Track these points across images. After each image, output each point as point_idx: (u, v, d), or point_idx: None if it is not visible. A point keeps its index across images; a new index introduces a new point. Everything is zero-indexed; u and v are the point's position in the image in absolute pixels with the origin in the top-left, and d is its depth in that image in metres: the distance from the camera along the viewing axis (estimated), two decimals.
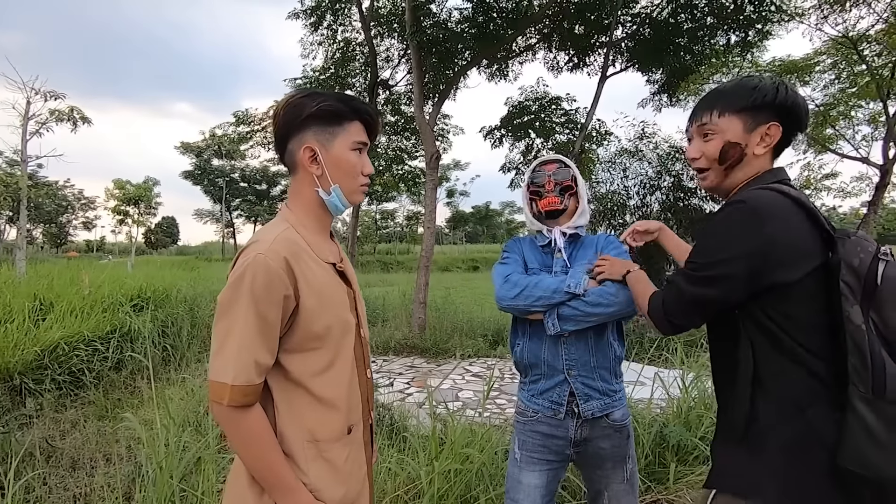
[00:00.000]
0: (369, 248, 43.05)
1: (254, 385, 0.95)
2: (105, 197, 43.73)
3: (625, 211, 8.41)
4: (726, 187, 1.18)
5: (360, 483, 1.13)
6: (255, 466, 0.99)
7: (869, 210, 7.97)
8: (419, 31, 7.07)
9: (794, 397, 1.00)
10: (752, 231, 1.00)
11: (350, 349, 1.10)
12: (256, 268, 0.96)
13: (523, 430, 1.59)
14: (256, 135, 19.16)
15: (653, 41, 7.89)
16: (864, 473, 0.91)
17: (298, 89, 1.14)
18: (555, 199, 1.59)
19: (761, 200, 1.02)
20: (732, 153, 1.13)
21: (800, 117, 1.12)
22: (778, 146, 1.14)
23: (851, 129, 9.75)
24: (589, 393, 1.51)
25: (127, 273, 8.68)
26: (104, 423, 3.66)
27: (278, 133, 1.10)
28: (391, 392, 4.88)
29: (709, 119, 1.15)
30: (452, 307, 8.67)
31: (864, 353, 0.92)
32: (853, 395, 0.93)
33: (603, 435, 1.53)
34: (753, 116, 1.11)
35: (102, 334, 4.84)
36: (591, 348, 1.52)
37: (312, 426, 1.03)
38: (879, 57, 7.85)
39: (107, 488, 2.47)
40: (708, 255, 1.06)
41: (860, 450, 0.91)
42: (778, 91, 1.10)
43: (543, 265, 1.61)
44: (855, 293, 0.95)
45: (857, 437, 0.91)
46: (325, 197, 1.10)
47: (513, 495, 1.56)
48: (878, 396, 0.91)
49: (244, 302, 0.95)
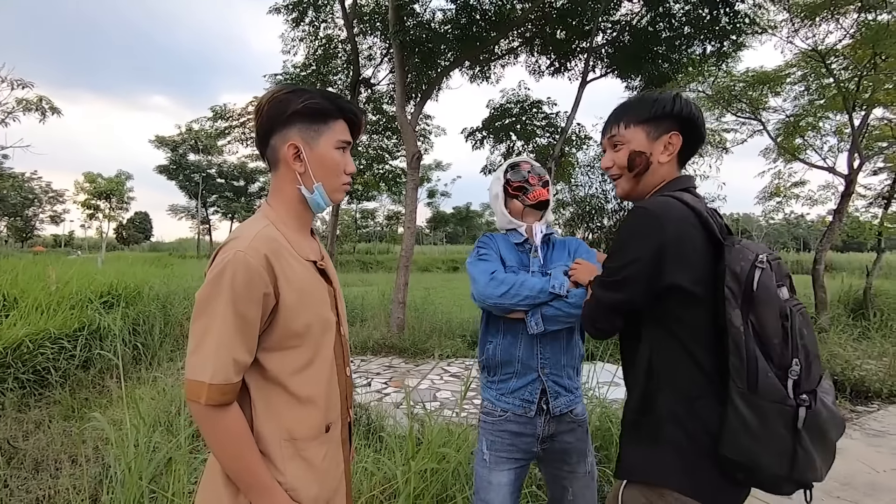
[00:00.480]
0: (349, 248, 42.67)
1: (232, 384, 0.94)
2: (74, 190, 42.37)
3: (602, 214, 8.55)
4: (638, 194, 1.28)
5: (337, 481, 1.12)
6: (230, 466, 0.97)
7: (834, 218, 8.26)
8: (402, 30, 7.05)
9: (685, 390, 1.10)
10: (649, 235, 1.09)
11: (330, 347, 1.10)
12: (236, 265, 0.95)
13: (492, 430, 1.60)
14: (234, 130, 18.85)
15: (632, 48, 8.05)
16: (741, 460, 1.02)
17: (283, 85, 1.12)
18: (543, 191, 1.65)
19: (657, 206, 1.12)
20: (639, 161, 1.23)
21: (697, 127, 1.24)
22: (682, 154, 1.25)
23: (819, 139, 10.10)
24: (558, 390, 1.57)
25: (97, 269, 8.42)
26: (70, 423, 3.55)
27: (261, 128, 1.08)
28: (368, 392, 4.86)
29: (617, 131, 1.26)
30: (431, 307, 8.67)
31: (742, 353, 1.01)
32: (732, 391, 1.02)
33: (568, 430, 1.59)
34: (655, 126, 1.23)
35: (70, 332, 4.69)
36: (563, 347, 1.58)
37: (290, 425, 1.02)
38: (846, 71, 8.15)
39: (72, 490, 2.40)
40: (614, 261, 1.16)
41: (737, 439, 1.01)
42: (675, 102, 1.21)
43: (520, 264, 1.63)
44: (736, 297, 1.04)
45: (734, 429, 1.01)
46: (307, 195, 1.10)
47: (483, 496, 1.57)
48: (752, 392, 1.00)
49: (223, 299, 0.94)
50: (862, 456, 3.66)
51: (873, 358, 6.06)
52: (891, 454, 3.70)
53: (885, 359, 5.91)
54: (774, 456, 1.00)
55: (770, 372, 1.01)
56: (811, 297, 8.32)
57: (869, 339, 6.97)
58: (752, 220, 65.73)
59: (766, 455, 1.00)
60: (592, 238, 8.60)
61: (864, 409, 4.87)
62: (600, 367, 3.97)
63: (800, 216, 32.36)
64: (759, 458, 1.00)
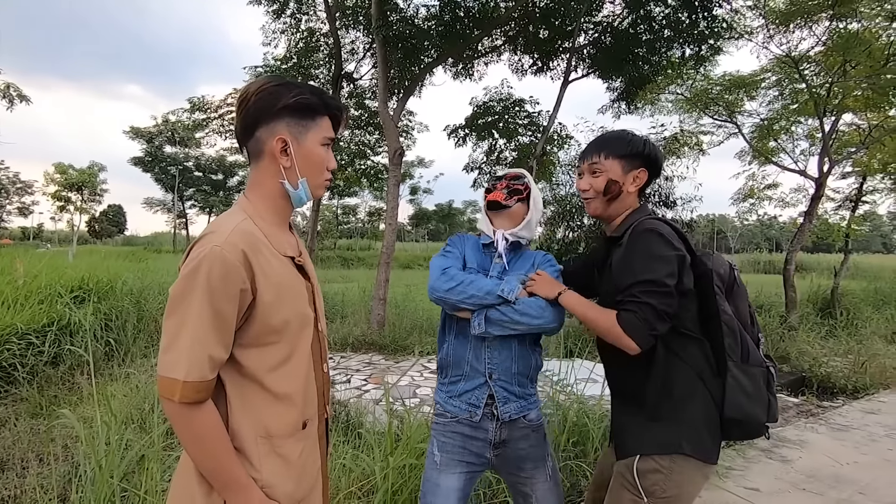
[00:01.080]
0: (330, 244, 42.28)
1: (207, 381, 0.93)
2: (44, 181, 40.89)
3: (583, 213, 8.64)
4: (608, 215, 1.53)
5: (314, 478, 1.12)
6: (205, 464, 0.96)
7: (805, 220, 8.51)
8: (385, 25, 7.00)
9: (695, 369, 1.36)
10: (671, 251, 1.33)
11: (308, 344, 1.09)
12: (212, 260, 0.93)
13: (443, 431, 1.58)
14: (213, 123, 18.44)
15: (613, 50, 8.14)
16: (740, 418, 1.32)
17: (269, 76, 1.10)
18: (500, 194, 1.63)
19: (664, 229, 1.37)
20: (613, 188, 1.48)
21: (658, 167, 1.53)
22: (643, 187, 1.53)
23: (792, 143, 10.40)
24: (507, 396, 1.54)
25: (67, 263, 8.16)
26: (38, 421, 3.45)
27: (247, 119, 1.06)
28: (348, 389, 4.84)
29: (598, 159, 1.50)
30: (412, 304, 8.66)
31: (735, 333, 1.34)
32: (730, 364, 1.32)
33: (521, 436, 1.56)
34: (629, 162, 1.48)
35: (38, 327, 4.54)
36: (514, 355, 1.55)
37: (266, 421, 1.01)
38: (818, 77, 8.40)
39: (39, 490, 2.33)
40: (656, 273, 1.31)
41: (737, 401, 1.31)
42: (646, 146, 1.49)
43: (481, 267, 1.63)
44: (722, 291, 1.38)
45: (734, 394, 1.31)
46: (290, 190, 1.08)
47: (430, 499, 1.54)
48: (744, 362, 1.34)
49: (198, 295, 0.92)
50: (827, 449, 3.79)
51: (839, 355, 6.28)
52: (854, 448, 3.85)
53: (851, 356, 6.14)
54: (760, 407, 1.33)
55: (753, 345, 1.36)
56: (782, 296, 8.57)
57: (835, 337, 7.22)
58: (727, 221, 67.32)
59: (756, 408, 1.32)
60: (573, 237, 8.70)
61: (830, 405, 5.05)
62: (578, 364, 4.03)
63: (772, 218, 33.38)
64: (752, 411, 1.32)
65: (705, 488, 3.05)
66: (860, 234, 10.93)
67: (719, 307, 1.34)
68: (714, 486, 3.07)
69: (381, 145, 13.36)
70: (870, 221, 18.75)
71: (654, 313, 1.30)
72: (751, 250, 59.97)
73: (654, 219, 1.41)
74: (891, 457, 3.68)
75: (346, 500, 2.30)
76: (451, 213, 55.41)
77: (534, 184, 1.70)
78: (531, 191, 1.65)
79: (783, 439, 3.97)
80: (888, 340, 7.14)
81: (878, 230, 60.01)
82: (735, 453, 3.61)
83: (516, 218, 1.63)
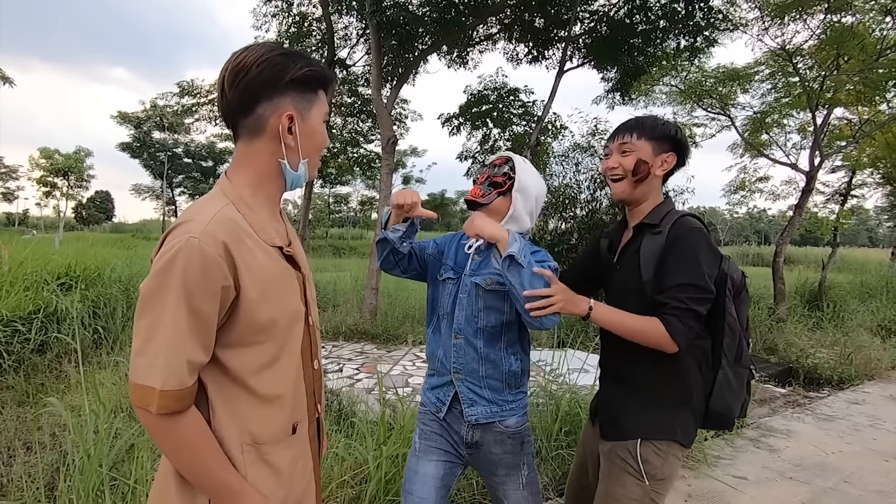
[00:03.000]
0: (321, 233, 42.02)
1: (187, 388, 0.84)
2: (29, 166, 40.07)
3: (575, 204, 8.64)
4: (633, 198, 1.49)
5: (306, 482, 1.05)
6: (193, 475, 0.88)
7: (795, 213, 8.58)
8: (379, 10, 6.88)
9: (697, 361, 1.44)
10: (714, 253, 1.38)
11: (298, 341, 1.01)
12: (189, 254, 0.82)
13: (423, 419, 1.59)
14: (203, 108, 18.11)
15: (609, 39, 8.09)
16: (721, 411, 1.44)
17: (264, 44, 0.95)
18: (478, 190, 1.53)
19: (704, 230, 1.39)
20: (643, 169, 1.45)
21: (685, 154, 1.50)
22: (667, 174, 1.50)
23: (784, 136, 10.46)
24: (473, 398, 1.48)
25: (54, 249, 8.03)
26: (24, 409, 3.40)
27: (246, 93, 0.92)
28: (340, 378, 4.83)
29: (629, 139, 1.46)
30: (404, 294, 8.65)
31: (735, 334, 1.42)
32: (724, 363, 1.42)
33: (495, 440, 1.50)
34: (660, 144, 1.46)
35: (24, 314, 4.46)
36: (479, 357, 1.48)
37: (253, 427, 0.93)
38: (811, 70, 8.42)
39: (27, 478, 2.30)
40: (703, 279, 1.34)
41: (723, 396, 1.43)
42: (678, 130, 1.48)
43: (458, 265, 1.56)
44: (731, 295, 1.43)
45: (722, 389, 1.42)
46: (289, 171, 0.98)
47: (409, 486, 1.52)
48: (736, 363, 1.43)
49: (174, 294, 0.81)
50: (813, 439, 3.86)
51: (826, 347, 6.38)
52: (839, 437, 3.92)
53: (837, 348, 6.23)
54: (738, 404, 1.46)
55: (746, 349, 1.46)
56: (771, 288, 8.67)
57: (822, 329, 7.33)
58: (717, 214, 67.83)
59: (735, 404, 1.45)
60: (565, 228, 8.70)
61: (816, 395, 5.13)
62: (570, 354, 4.04)
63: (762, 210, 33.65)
64: (733, 407, 1.45)
65: (694, 476, 3.09)
66: (848, 228, 11.05)
67: (726, 309, 1.40)
68: (703, 475, 3.11)
69: (374, 133, 13.23)
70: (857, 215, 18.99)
71: (696, 317, 1.34)
72: (740, 243, 60.55)
73: (691, 216, 1.43)
74: (874, 446, 3.75)
75: (339, 489, 2.30)
76: (444, 203, 55.21)
77: (524, 167, 1.54)
78: (514, 181, 1.50)
79: (770, 429, 4.03)
80: (873, 333, 7.25)
81: (865, 224, 60.86)
82: (724, 443, 3.66)
83: (498, 213, 1.50)
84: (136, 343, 0.84)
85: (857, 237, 67.90)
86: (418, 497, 1.48)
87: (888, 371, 5.91)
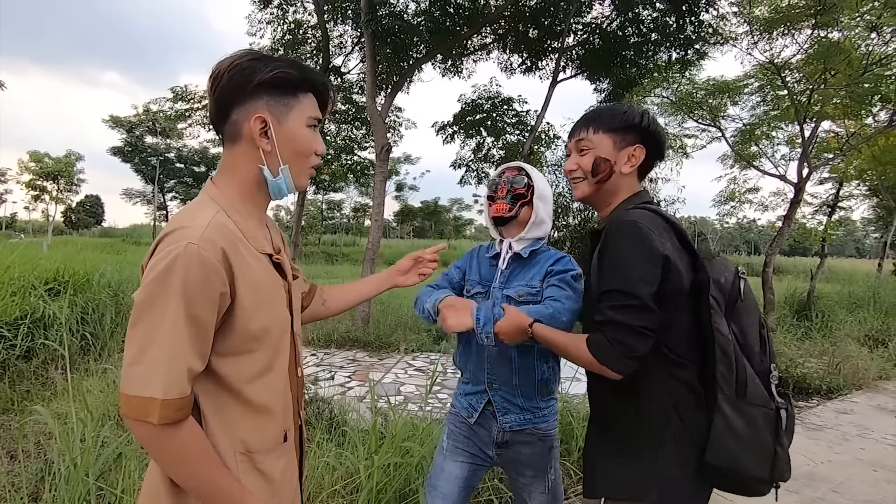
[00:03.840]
0: (314, 239, 41.87)
1: (187, 396, 0.83)
2: (18, 170, 39.70)
3: (568, 213, 8.70)
4: (598, 200, 1.30)
5: (294, 490, 1.05)
6: (192, 485, 0.86)
7: (784, 223, 8.70)
8: (374, 19, 6.94)
9: (671, 397, 1.11)
10: (649, 249, 1.08)
11: (287, 350, 1.01)
12: (189, 260, 0.81)
13: (453, 420, 1.64)
14: (196, 113, 18.08)
15: (601, 51, 8.21)
16: (727, 467, 1.04)
17: (243, 51, 0.96)
18: (503, 205, 1.56)
19: (648, 220, 1.11)
20: (603, 168, 1.24)
21: (659, 144, 1.27)
22: (642, 169, 1.28)
23: (772, 147, 10.64)
24: (507, 407, 1.53)
25: (42, 254, 7.93)
26: (9, 416, 3.34)
27: (221, 99, 0.93)
28: (332, 385, 4.79)
29: (585, 135, 1.27)
30: (397, 301, 8.62)
31: (731, 360, 1.05)
32: (720, 399, 1.04)
33: (525, 441, 1.53)
34: (622, 136, 1.24)
35: (10, 320, 4.39)
36: (514, 368, 1.50)
37: (245, 436, 0.92)
38: (799, 84, 8.58)
39: (10, 488, 2.25)
40: (628, 282, 1.08)
41: (725, 446, 1.03)
42: (643, 117, 1.24)
43: (484, 279, 1.60)
44: (720, 307, 1.08)
45: (723, 436, 1.03)
46: (269, 178, 0.97)
47: (434, 481, 1.59)
48: (740, 398, 1.05)
49: (173, 300, 0.80)
50: (802, 448, 3.88)
51: (814, 356, 6.43)
52: (828, 447, 3.94)
53: (825, 357, 6.29)
54: (757, 458, 1.05)
55: (756, 378, 1.07)
56: (760, 298, 8.75)
57: (811, 338, 7.39)
58: (708, 224, 68.53)
59: (750, 458, 1.04)
60: (558, 236, 8.75)
61: (805, 405, 5.16)
62: (563, 363, 4.05)
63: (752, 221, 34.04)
64: (743, 461, 1.04)
65: None
66: (836, 239, 11.22)
67: (713, 326, 1.06)
68: None
69: (368, 141, 13.26)
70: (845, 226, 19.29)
71: (627, 333, 1.07)
72: (730, 252, 61.22)
73: (641, 207, 1.18)
74: (863, 456, 3.78)
75: (330, 498, 2.27)
76: (437, 211, 55.31)
77: (536, 174, 1.60)
78: (533, 188, 1.56)
79: None
80: (860, 342, 7.33)
81: (852, 235, 61.77)
82: None
83: (523, 223, 1.57)
84: (130, 352, 0.81)
85: (844, 248, 68.88)
86: (442, 493, 1.55)
87: (875, 381, 5.97)
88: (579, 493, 2.70)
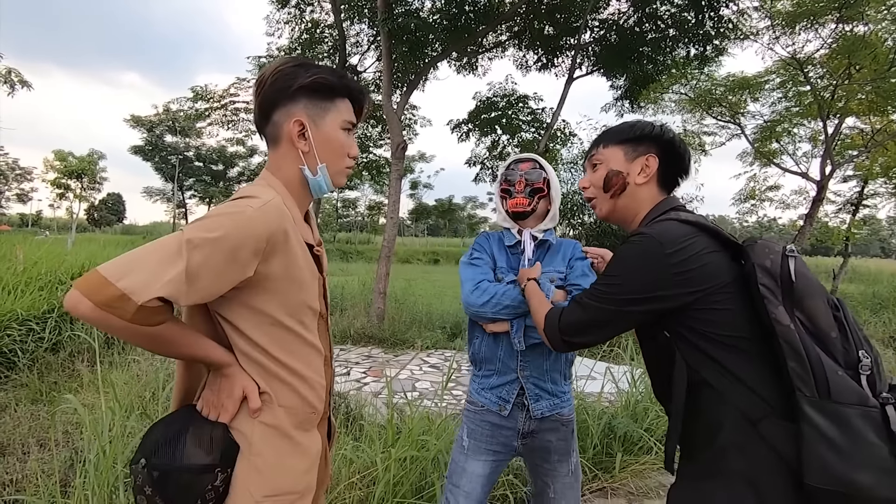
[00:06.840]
0: (329, 237, 42.25)
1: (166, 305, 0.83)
2: (44, 168, 40.70)
3: (583, 211, 8.65)
4: (618, 216, 1.23)
5: (323, 472, 1.13)
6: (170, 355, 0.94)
7: (805, 222, 8.53)
8: (390, 18, 6.97)
9: (743, 411, 0.93)
10: (654, 260, 1.00)
11: (325, 337, 1.08)
12: (260, 211, 0.88)
13: (473, 419, 1.61)
14: (215, 112, 18.35)
15: (618, 48, 8.13)
16: (831, 487, 0.81)
17: (287, 57, 1.04)
18: (523, 199, 1.58)
19: (670, 234, 1.02)
20: (615, 181, 1.19)
21: (677, 151, 1.18)
22: (664, 179, 1.19)
23: (794, 145, 10.42)
24: (539, 394, 1.54)
25: (67, 250, 8.15)
26: (38, 406, 3.45)
27: (264, 102, 1.01)
28: (347, 381, 4.85)
29: (597, 150, 1.25)
30: (412, 298, 8.67)
31: (801, 354, 0.87)
32: (801, 401, 0.85)
33: (550, 428, 1.56)
34: (634, 147, 1.19)
35: (38, 314, 4.54)
36: (545, 353, 1.54)
37: (293, 403, 1.00)
38: (822, 80, 8.39)
39: (41, 475, 2.34)
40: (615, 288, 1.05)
41: (823, 461, 0.82)
42: (654, 127, 1.20)
43: (511, 267, 1.62)
44: (775, 294, 0.92)
45: (816, 448, 0.83)
46: (309, 176, 1.04)
47: (455, 481, 1.57)
48: (823, 398, 0.85)
49: (225, 227, 0.84)
50: None
51: None
52: None
53: None
54: (873, 472, 0.80)
55: (840, 370, 0.86)
56: None
57: None
58: (727, 222, 67.39)
59: (857, 471, 0.80)
60: (573, 234, 8.71)
61: None
62: (578, 362, 4.04)
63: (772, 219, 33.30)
64: (851, 476, 0.80)
65: None
66: (859, 238, 10.96)
67: (771, 316, 0.90)
68: None
69: (384, 139, 13.33)
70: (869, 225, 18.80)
71: (580, 318, 1.08)
72: None
73: (671, 219, 1.08)
74: None
75: (347, 490, 2.32)
76: (451, 209, 55.33)
77: (548, 166, 1.65)
78: (549, 180, 1.62)
79: None
80: (885, 344, 7.16)
81: (877, 234, 60.13)
82: None
83: (541, 215, 1.64)
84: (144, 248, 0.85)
85: (869, 247, 67.08)
86: (465, 491, 1.55)
87: None
88: (594, 490, 2.70)
